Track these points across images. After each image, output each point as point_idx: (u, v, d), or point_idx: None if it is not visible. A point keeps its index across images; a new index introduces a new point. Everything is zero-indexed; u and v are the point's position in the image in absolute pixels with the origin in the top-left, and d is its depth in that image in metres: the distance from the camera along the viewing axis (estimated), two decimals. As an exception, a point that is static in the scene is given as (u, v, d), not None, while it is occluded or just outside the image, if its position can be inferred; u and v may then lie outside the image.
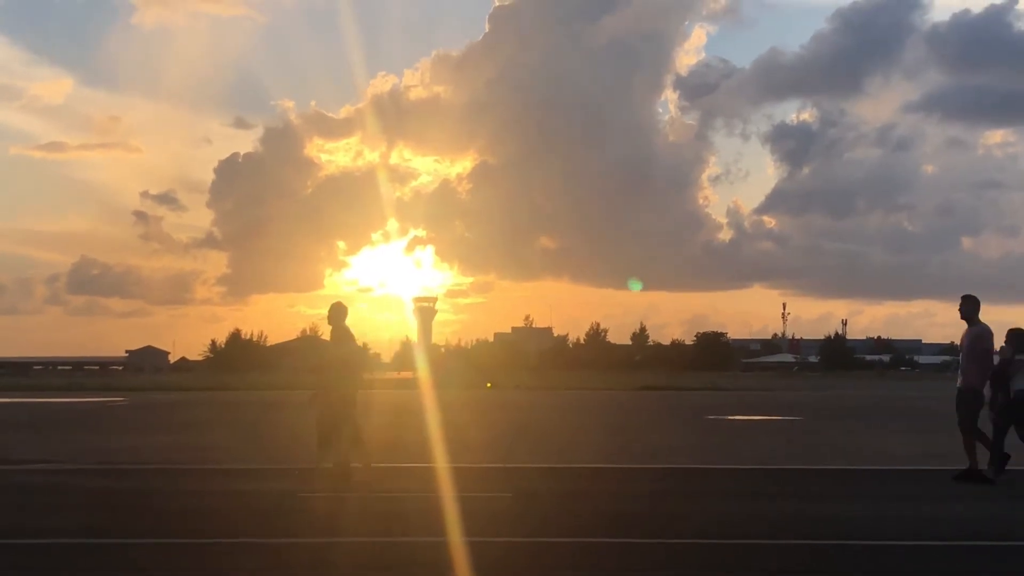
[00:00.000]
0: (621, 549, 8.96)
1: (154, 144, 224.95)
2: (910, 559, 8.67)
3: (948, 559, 8.71)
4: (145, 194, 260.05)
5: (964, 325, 13.59)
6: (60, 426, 25.36)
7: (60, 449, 18.26)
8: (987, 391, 13.48)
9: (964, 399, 13.59)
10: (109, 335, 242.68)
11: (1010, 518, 10.74)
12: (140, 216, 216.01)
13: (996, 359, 13.64)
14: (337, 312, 13.44)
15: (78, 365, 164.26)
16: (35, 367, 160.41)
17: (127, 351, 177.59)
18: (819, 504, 11.75)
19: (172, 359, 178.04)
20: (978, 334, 13.66)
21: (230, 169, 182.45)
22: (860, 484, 13.69)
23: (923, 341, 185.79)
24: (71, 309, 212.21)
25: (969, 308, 13.77)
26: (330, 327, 13.48)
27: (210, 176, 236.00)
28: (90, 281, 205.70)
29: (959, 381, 13.74)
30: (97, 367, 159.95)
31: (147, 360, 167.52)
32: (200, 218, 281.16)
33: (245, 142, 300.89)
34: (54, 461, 16.12)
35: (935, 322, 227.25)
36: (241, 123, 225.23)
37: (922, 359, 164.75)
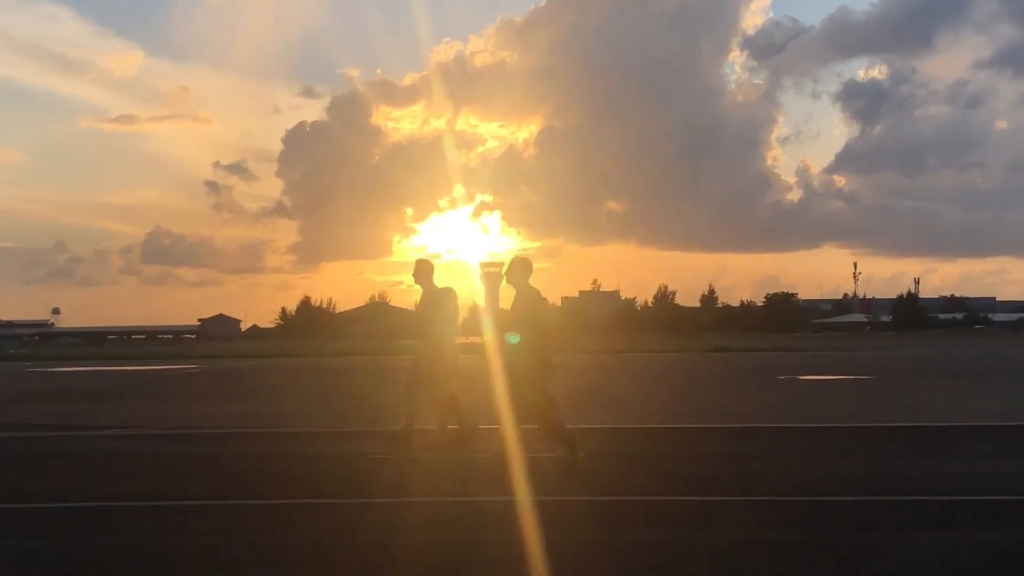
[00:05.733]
0: (692, 507, 8.85)
1: (223, 114, 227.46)
2: (980, 514, 8.47)
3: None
4: (216, 164, 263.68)
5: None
6: (136, 393, 25.79)
7: (135, 415, 18.55)
8: None
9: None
10: (182, 304, 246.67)
11: None
12: (211, 186, 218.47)
13: None
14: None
15: (152, 334, 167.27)
16: (110, 336, 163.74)
17: (199, 320, 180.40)
18: (896, 462, 11.54)
19: (244, 327, 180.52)
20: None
21: (298, 138, 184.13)
22: (934, 442, 13.42)
23: (997, 299, 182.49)
24: (144, 279, 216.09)
25: (417, 272, 12.87)
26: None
27: (279, 146, 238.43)
28: (163, 251, 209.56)
29: None
30: (170, 336, 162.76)
31: (219, 328, 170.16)
32: (270, 187, 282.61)
33: (312, 111, 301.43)
34: (129, 427, 16.38)
35: (1009, 279, 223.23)
36: (309, 92, 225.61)
37: (996, 317, 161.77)
